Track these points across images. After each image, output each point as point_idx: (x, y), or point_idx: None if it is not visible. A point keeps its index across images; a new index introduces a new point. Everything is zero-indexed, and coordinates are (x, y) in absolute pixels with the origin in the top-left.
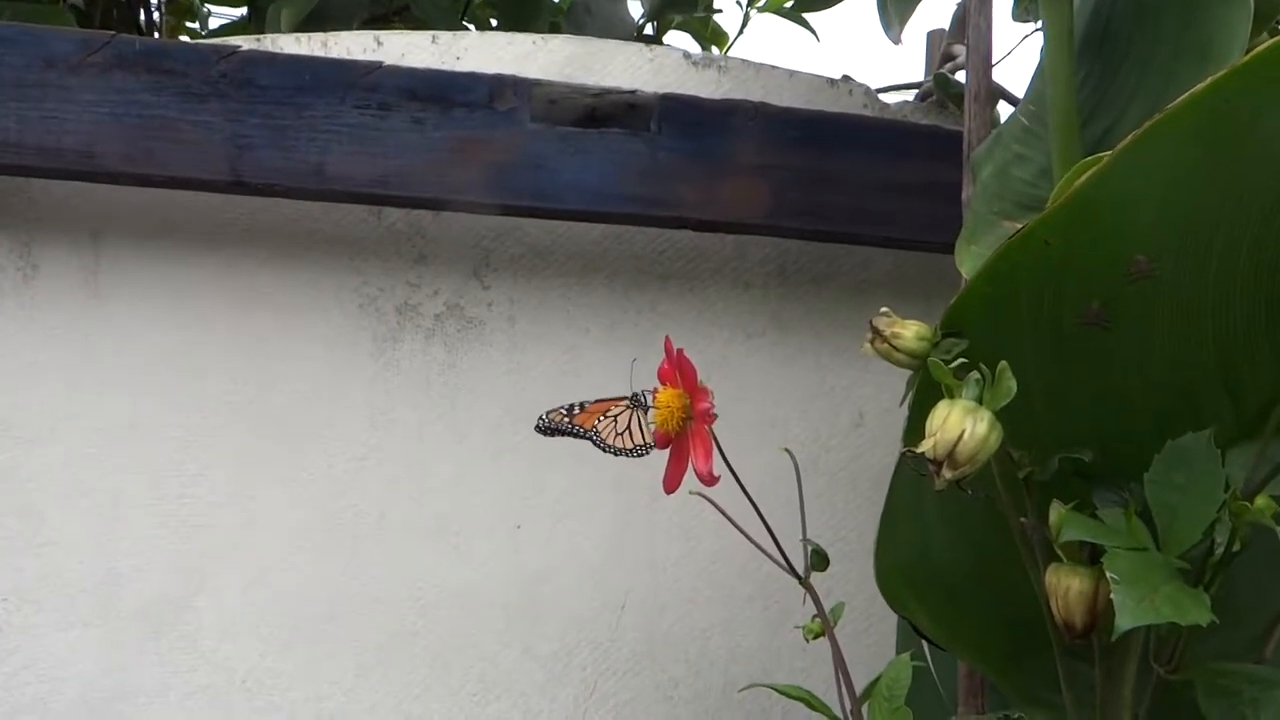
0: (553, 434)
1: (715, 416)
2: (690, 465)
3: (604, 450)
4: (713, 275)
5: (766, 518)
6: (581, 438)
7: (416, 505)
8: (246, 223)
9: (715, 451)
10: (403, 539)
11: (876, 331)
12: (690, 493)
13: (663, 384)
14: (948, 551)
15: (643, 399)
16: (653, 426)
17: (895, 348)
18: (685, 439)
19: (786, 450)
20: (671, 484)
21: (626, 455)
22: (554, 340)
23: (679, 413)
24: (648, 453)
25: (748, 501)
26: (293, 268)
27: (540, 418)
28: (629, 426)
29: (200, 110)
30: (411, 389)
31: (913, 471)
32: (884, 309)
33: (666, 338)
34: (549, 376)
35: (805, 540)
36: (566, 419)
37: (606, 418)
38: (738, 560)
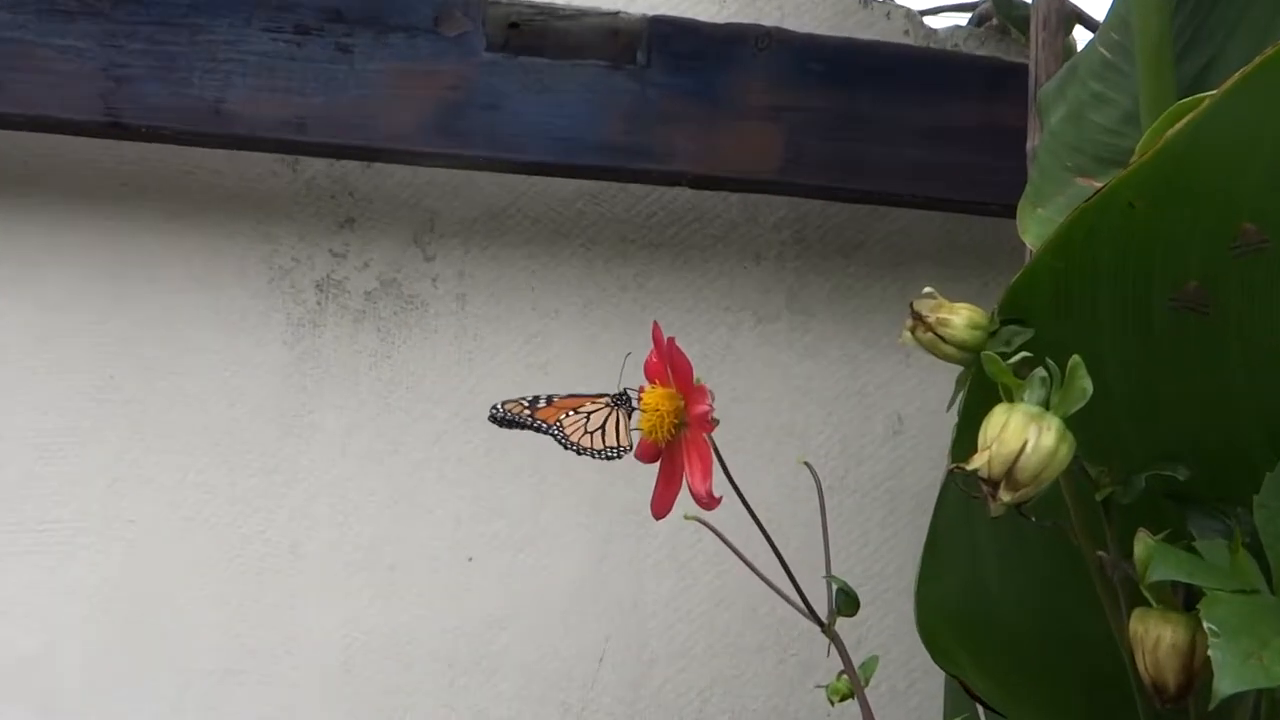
0: (508, 425)
1: (716, 422)
2: (684, 484)
3: (566, 448)
4: (714, 244)
5: (781, 548)
6: (542, 433)
7: (340, 533)
8: (126, 175)
9: (716, 466)
10: (322, 575)
11: (918, 317)
12: (685, 518)
13: (651, 382)
14: (1007, 593)
15: (627, 399)
16: (637, 434)
17: (941, 337)
18: (678, 451)
19: (806, 464)
20: (661, 507)
21: (594, 456)
22: (515, 325)
23: (670, 418)
24: (620, 456)
25: (756, 528)
26: (184, 232)
27: (495, 407)
28: (603, 426)
29: (66, 33)
30: (335, 386)
31: (963, 492)
32: (927, 289)
33: (655, 324)
34: (509, 370)
35: (829, 577)
36: (527, 411)
37: (577, 414)
38: (744, 602)
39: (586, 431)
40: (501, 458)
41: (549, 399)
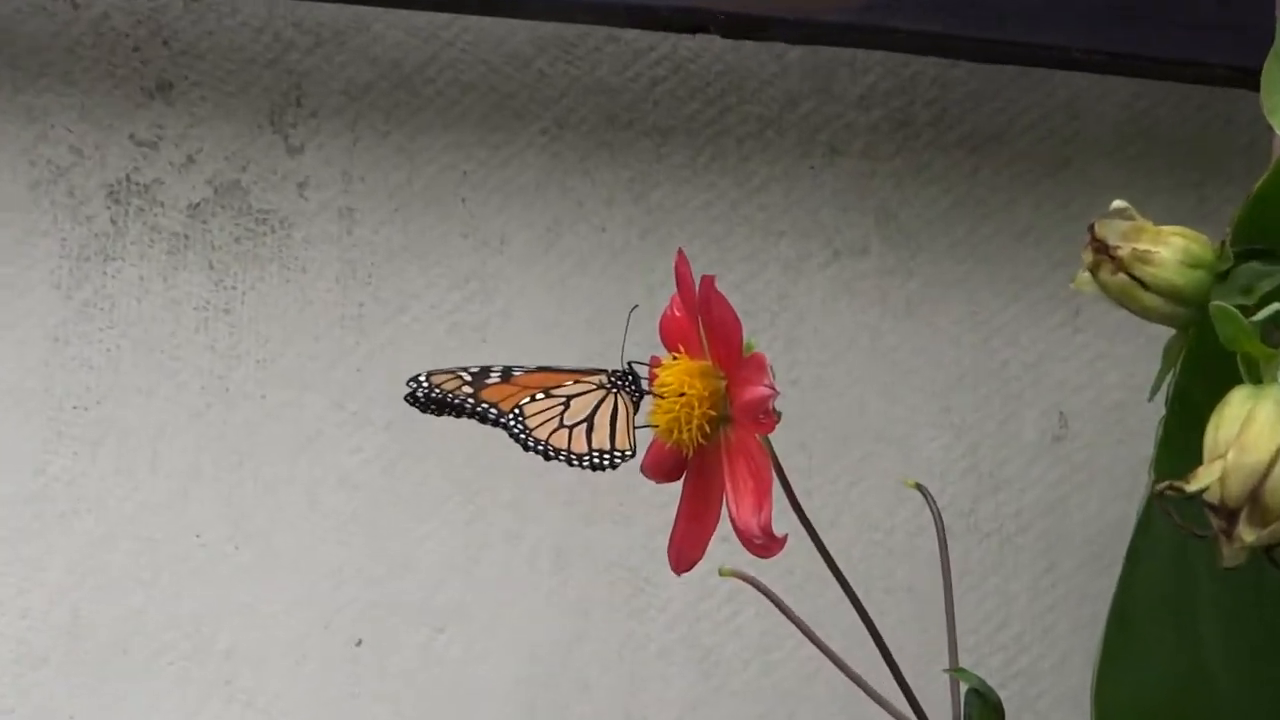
0: (434, 410)
1: (778, 417)
2: (726, 514)
3: (526, 448)
4: (761, 131)
5: (877, 624)
6: (488, 423)
7: (146, 600)
8: None
9: (777, 488)
10: (116, 672)
11: (1103, 248)
12: (721, 573)
13: (672, 350)
14: (1245, 689)
15: (633, 378)
16: (646, 434)
17: (1141, 281)
18: (715, 462)
19: (917, 488)
20: (686, 554)
21: (573, 464)
22: (435, 261)
23: (704, 408)
24: (615, 465)
25: (836, 591)
26: None
27: (415, 381)
28: (591, 418)
29: None
30: (139, 359)
31: (1174, 529)
32: (1117, 202)
33: (680, 254)
34: (423, 334)
35: (954, 671)
36: (467, 389)
37: (550, 397)
38: (812, 713)
39: (563, 425)
40: (413, 475)
41: (505, 372)
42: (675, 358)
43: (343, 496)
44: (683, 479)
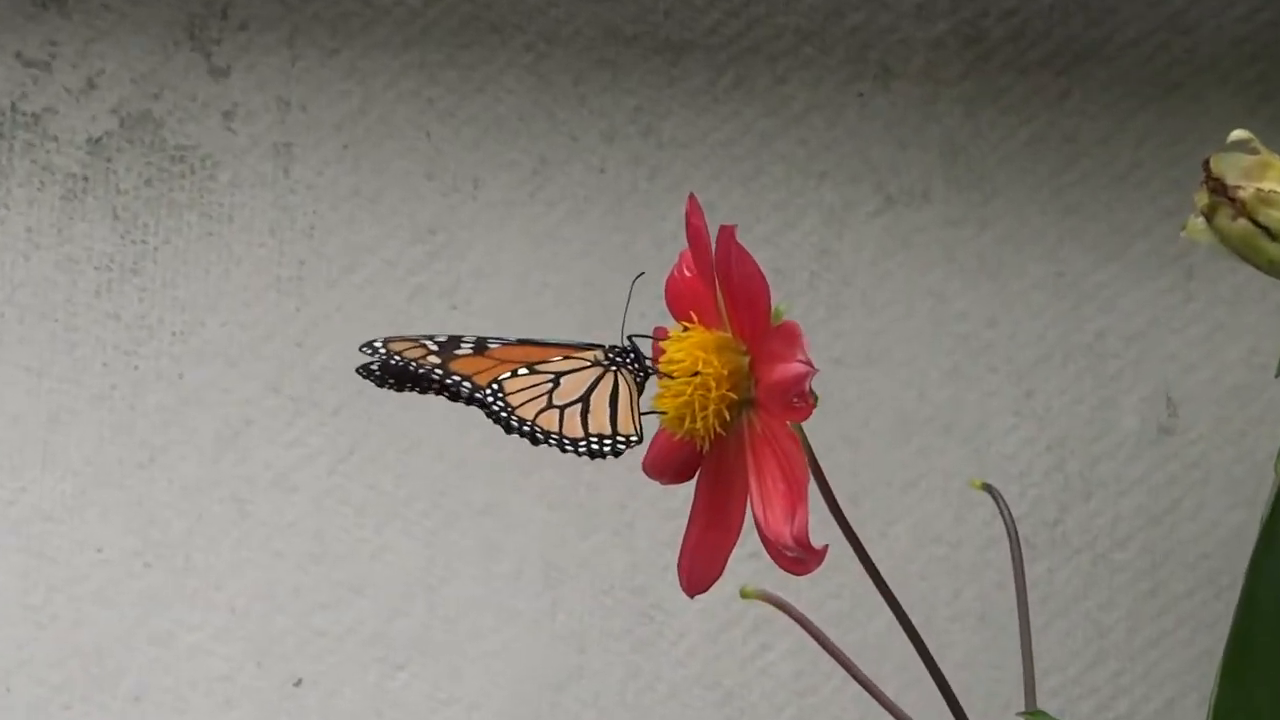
0: (393, 383)
1: (815, 400)
2: (751, 522)
3: (509, 430)
4: (797, 45)
5: (938, 658)
6: (460, 400)
7: (36, 631)
8: None
9: (812, 489)
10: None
11: (1219, 187)
12: (743, 595)
13: (682, 319)
14: None
15: (633, 357)
16: (648, 421)
17: (1266, 228)
18: (738, 458)
19: (986, 488)
20: (702, 571)
21: (567, 449)
22: (391, 209)
23: (722, 389)
24: (619, 452)
25: (887, 617)
26: None
27: (371, 347)
28: (587, 397)
29: None
30: (29, 328)
31: None
32: (1238, 132)
33: (691, 199)
34: (384, 294)
35: (1031, 714)
36: (432, 358)
37: (532, 373)
38: None
39: (553, 405)
40: (365, 473)
41: (479, 343)
42: (686, 329)
43: (278, 501)
44: (696, 479)
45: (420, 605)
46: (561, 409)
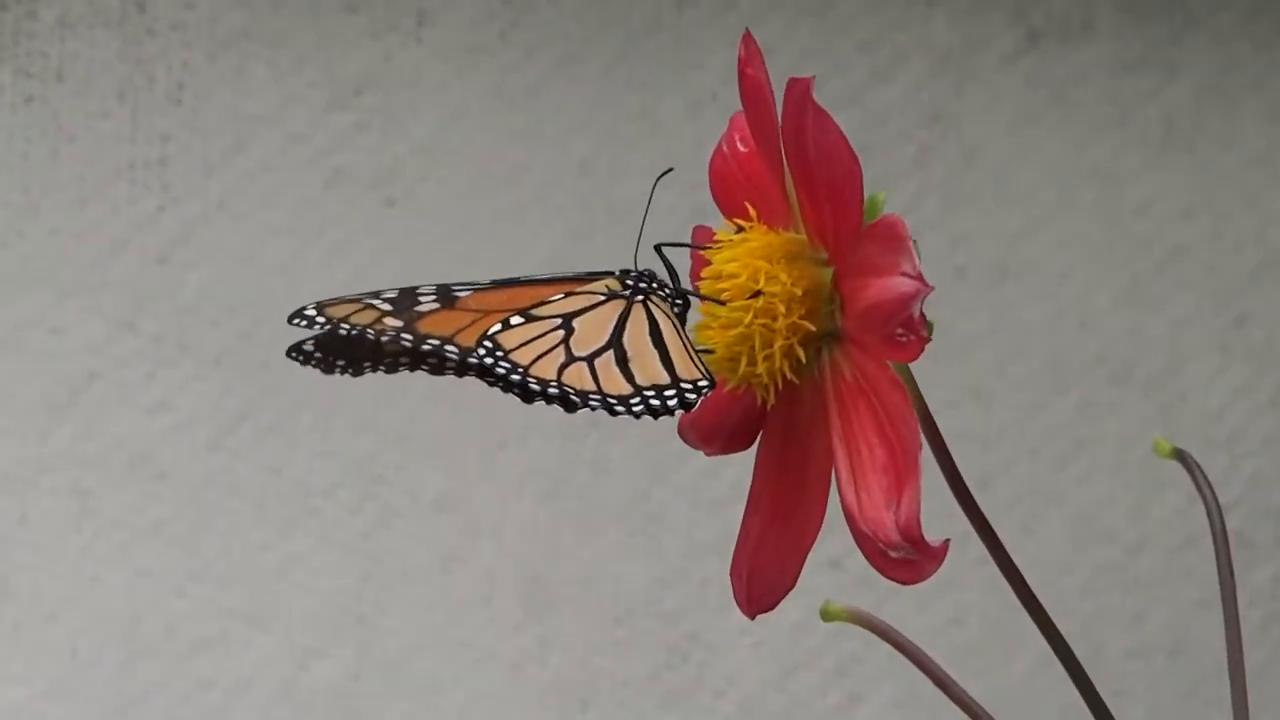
0: (344, 365)
1: (929, 332)
2: (840, 505)
3: (531, 397)
4: None
5: (1108, 698)
6: (451, 371)
7: None
8: None
9: (927, 461)
10: None
11: None
12: (826, 616)
13: (733, 215)
14: None
15: (659, 281)
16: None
17: None
18: (815, 414)
19: (1177, 455)
20: (765, 576)
21: (616, 411)
22: (305, 51)
23: (793, 316)
24: (686, 405)
25: (1036, 642)
26: None
27: (304, 317)
28: (618, 341)
29: None
30: None
31: None
32: None
33: (746, 38)
34: (288, 183)
35: None
36: (390, 319)
37: (529, 321)
38: None
39: (575, 357)
40: (264, 449)
41: (443, 293)
42: (741, 229)
43: (136, 492)
44: (756, 448)
45: (348, 644)
46: (589, 360)
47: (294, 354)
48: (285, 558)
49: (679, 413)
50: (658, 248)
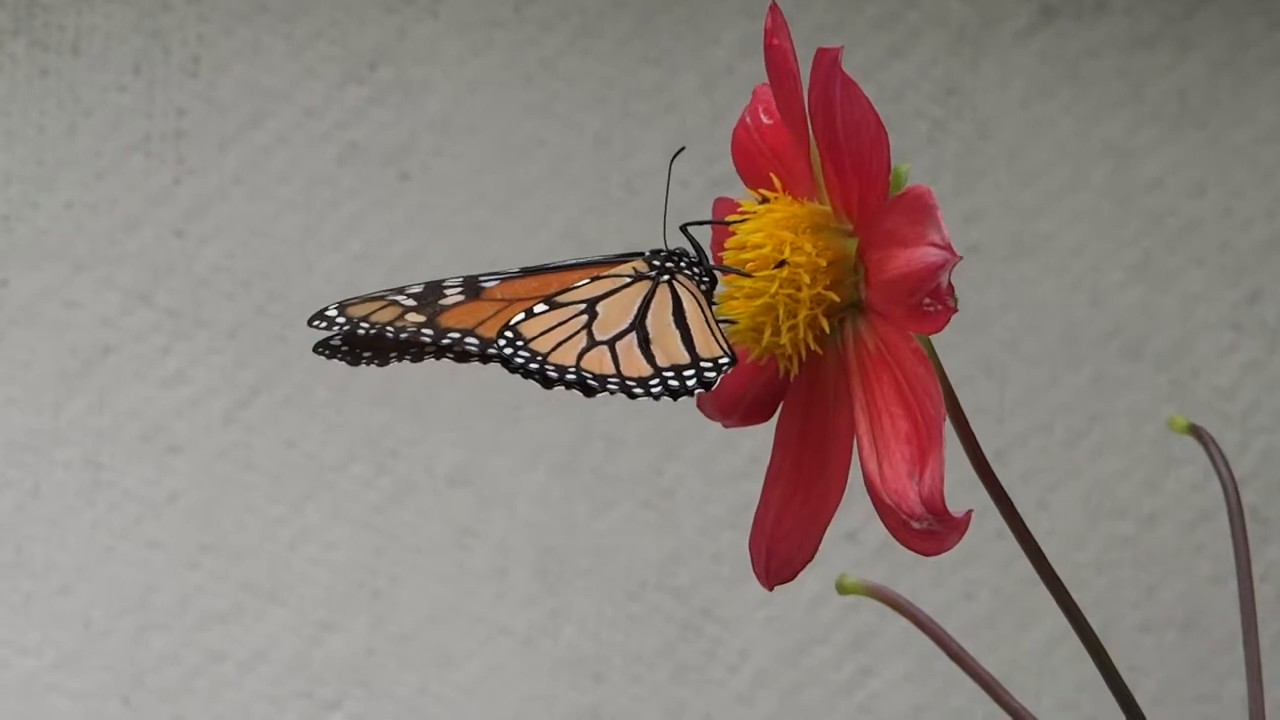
0: (370, 356)
1: (955, 304)
2: (862, 476)
3: (550, 383)
4: None
5: (1125, 672)
6: (477, 359)
7: None
8: None
9: (949, 434)
10: None
11: None
12: (842, 590)
13: (757, 186)
14: None
15: (688, 258)
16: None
17: None
18: (837, 386)
19: (1193, 431)
20: (785, 548)
21: (635, 393)
22: (320, 24)
23: (818, 286)
24: (705, 385)
25: (1054, 615)
26: None
27: (325, 319)
28: (641, 323)
29: None
30: None
31: None
32: None
33: (773, 8)
34: (303, 156)
35: None
36: (412, 315)
37: (553, 309)
38: None
39: (596, 342)
40: (279, 424)
41: (469, 284)
42: (765, 200)
43: (150, 465)
44: (778, 419)
45: (361, 617)
46: (610, 344)
47: (321, 349)
48: (299, 531)
49: (700, 391)
50: (683, 228)
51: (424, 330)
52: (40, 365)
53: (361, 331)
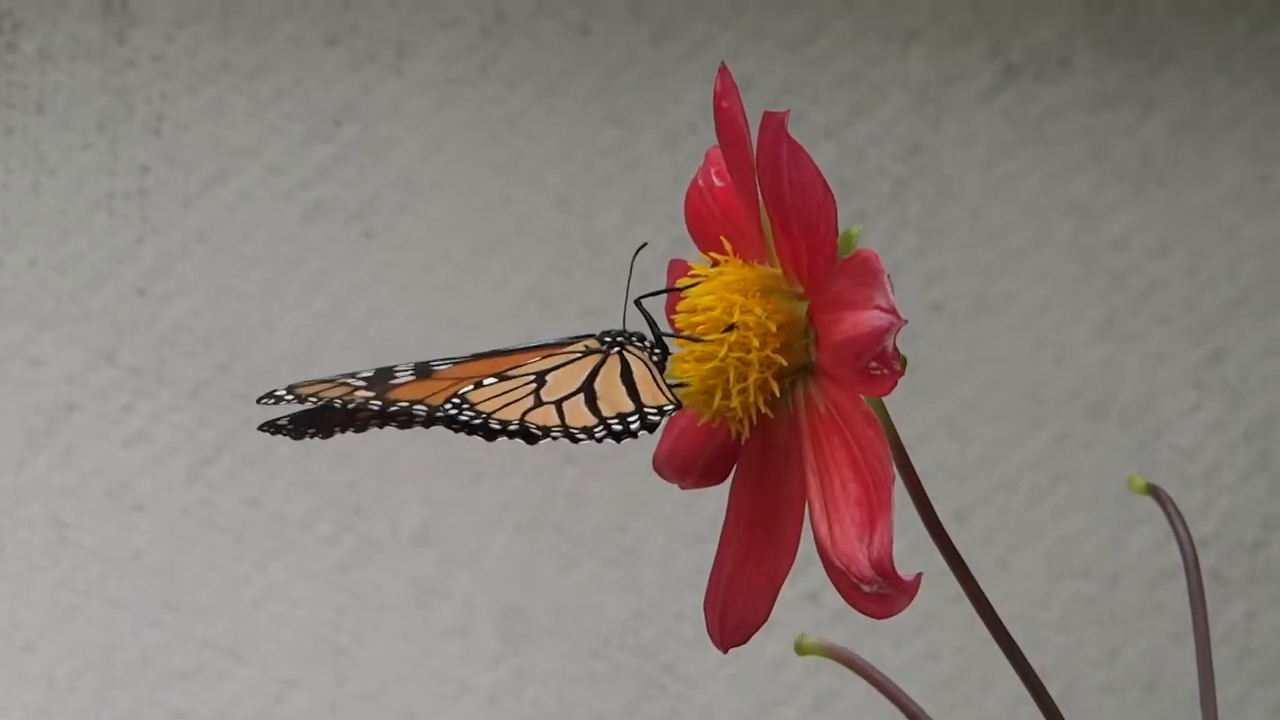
0: (314, 432)
1: (903, 366)
2: (813, 539)
3: (493, 435)
4: None
5: None
6: (420, 424)
7: None
8: None
9: (900, 495)
10: None
11: None
12: (800, 650)
13: (709, 249)
14: None
15: (639, 337)
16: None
17: None
18: (789, 448)
19: (1151, 491)
20: (738, 611)
21: (577, 439)
22: (287, 81)
23: (768, 349)
24: (648, 427)
25: (1009, 678)
26: None
27: (277, 397)
28: (588, 386)
29: None
30: None
31: None
32: None
33: (722, 72)
34: (268, 213)
35: None
36: (362, 393)
37: (502, 380)
38: None
39: (543, 402)
40: (241, 481)
41: (421, 368)
42: (716, 263)
43: (114, 523)
44: (731, 481)
45: (325, 675)
46: (558, 403)
47: (269, 429)
48: (262, 589)
49: (642, 434)
50: (638, 302)
51: (372, 400)
52: (4, 422)
53: (309, 405)
